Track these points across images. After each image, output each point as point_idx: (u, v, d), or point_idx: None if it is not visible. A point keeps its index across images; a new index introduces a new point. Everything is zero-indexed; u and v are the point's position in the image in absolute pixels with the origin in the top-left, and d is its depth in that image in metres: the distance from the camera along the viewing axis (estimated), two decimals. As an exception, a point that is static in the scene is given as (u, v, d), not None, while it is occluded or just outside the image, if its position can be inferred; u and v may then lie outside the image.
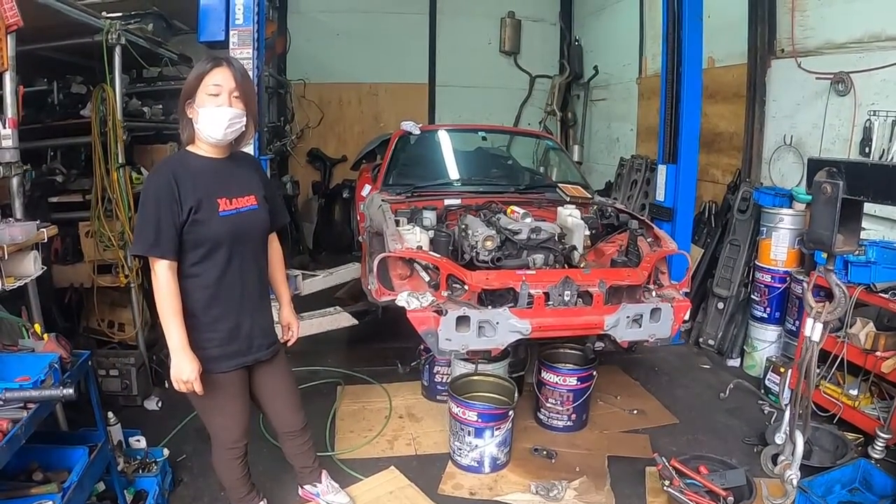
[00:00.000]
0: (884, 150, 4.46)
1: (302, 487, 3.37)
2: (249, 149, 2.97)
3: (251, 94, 2.58)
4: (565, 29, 10.29)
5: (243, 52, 4.34)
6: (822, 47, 5.20)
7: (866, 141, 4.57)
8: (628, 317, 3.61)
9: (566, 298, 3.60)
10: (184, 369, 2.47)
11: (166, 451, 3.54)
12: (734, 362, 5.46)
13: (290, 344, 3.09)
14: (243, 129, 2.58)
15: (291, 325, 3.09)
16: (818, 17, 5.24)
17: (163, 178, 2.48)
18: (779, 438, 2.86)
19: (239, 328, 2.67)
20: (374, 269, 3.73)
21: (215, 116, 2.47)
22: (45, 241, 3.23)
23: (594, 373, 4.21)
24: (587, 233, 4.31)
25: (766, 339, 5.18)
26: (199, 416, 2.92)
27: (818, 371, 3.25)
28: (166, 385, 4.60)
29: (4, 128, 3.18)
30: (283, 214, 3.01)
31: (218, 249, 2.55)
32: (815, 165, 2.34)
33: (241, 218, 2.59)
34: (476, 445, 3.71)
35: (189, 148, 2.60)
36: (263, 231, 2.75)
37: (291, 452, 3.21)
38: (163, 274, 2.45)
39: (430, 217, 4.31)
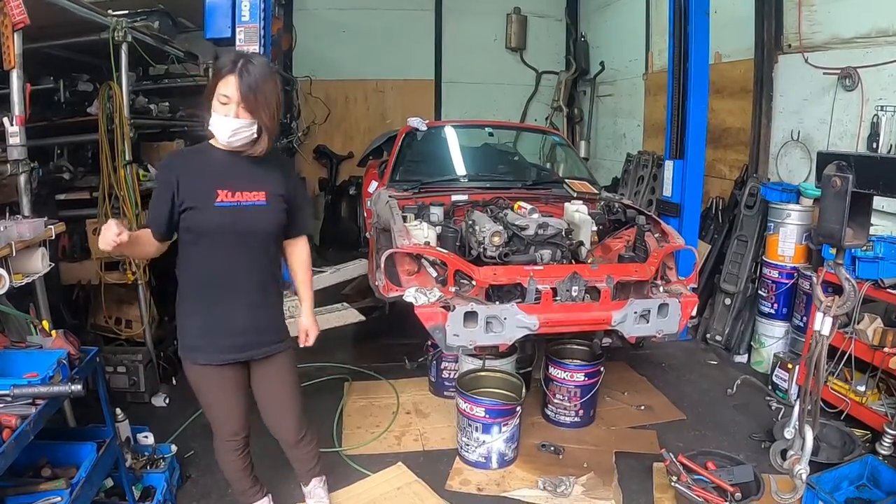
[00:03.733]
0: (891, 145, 4.44)
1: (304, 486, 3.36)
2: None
3: (261, 104, 2.48)
4: (571, 25, 10.28)
5: (250, 48, 4.35)
6: (830, 42, 5.17)
7: (874, 136, 4.54)
8: (636, 312, 3.61)
9: (574, 294, 3.60)
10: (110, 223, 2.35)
11: (174, 448, 3.54)
12: (741, 358, 5.44)
13: (303, 346, 3.00)
14: (254, 136, 2.53)
15: (309, 331, 2.99)
16: (825, 12, 5.21)
17: (165, 167, 2.66)
18: (787, 433, 2.84)
19: (229, 321, 2.63)
20: (382, 265, 3.74)
21: (221, 124, 2.49)
22: (53, 238, 3.22)
23: (601, 369, 4.21)
24: (594, 228, 4.30)
25: (773, 335, 5.16)
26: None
27: (826, 367, 3.24)
28: (174, 382, 4.65)
29: (12, 125, 3.20)
30: (303, 225, 2.92)
31: (211, 238, 2.56)
32: (824, 159, 2.32)
33: (240, 211, 2.57)
34: (484, 441, 3.71)
35: (212, 140, 2.63)
36: (268, 228, 2.66)
37: (290, 457, 3.14)
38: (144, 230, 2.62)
39: (437, 213, 4.30)
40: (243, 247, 2.62)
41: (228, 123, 2.47)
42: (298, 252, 2.94)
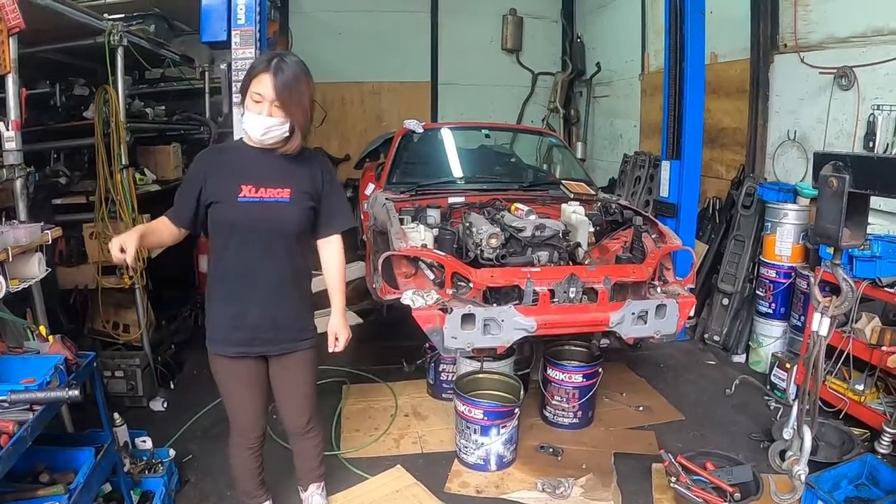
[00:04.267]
0: (888, 144, 4.44)
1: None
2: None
3: (294, 101, 2.53)
4: (567, 26, 10.28)
5: (245, 52, 4.34)
6: (825, 42, 5.18)
7: (870, 135, 4.54)
8: (633, 313, 3.62)
9: (571, 295, 3.60)
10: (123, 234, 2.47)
11: (172, 452, 3.53)
12: (739, 358, 5.45)
13: (332, 351, 2.88)
14: (286, 133, 2.57)
15: (339, 335, 2.88)
16: (821, 11, 5.22)
17: (198, 161, 2.74)
18: (786, 434, 2.84)
19: (243, 316, 2.66)
20: (379, 268, 3.74)
21: (254, 122, 2.54)
22: (50, 242, 3.23)
23: (600, 370, 4.20)
24: (591, 229, 4.31)
25: (771, 335, 5.17)
26: (206, 415, 2.92)
27: (824, 366, 3.24)
28: (172, 386, 4.64)
29: (8, 130, 3.19)
30: (338, 222, 2.87)
31: (232, 233, 2.61)
32: (820, 159, 2.32)
33: (261, 207, 2.59)
34: (482, 443, 3.71)
35: (245, 137, 2.68)
36: (289, 225, 2.66)
37: (295, 450, 3.15)
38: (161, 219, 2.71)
39: (434, 215, 4.30)
40: (264, 243, 2.64)
41: (261, 121, 2.52)
42: (329, 251, 2.88)
